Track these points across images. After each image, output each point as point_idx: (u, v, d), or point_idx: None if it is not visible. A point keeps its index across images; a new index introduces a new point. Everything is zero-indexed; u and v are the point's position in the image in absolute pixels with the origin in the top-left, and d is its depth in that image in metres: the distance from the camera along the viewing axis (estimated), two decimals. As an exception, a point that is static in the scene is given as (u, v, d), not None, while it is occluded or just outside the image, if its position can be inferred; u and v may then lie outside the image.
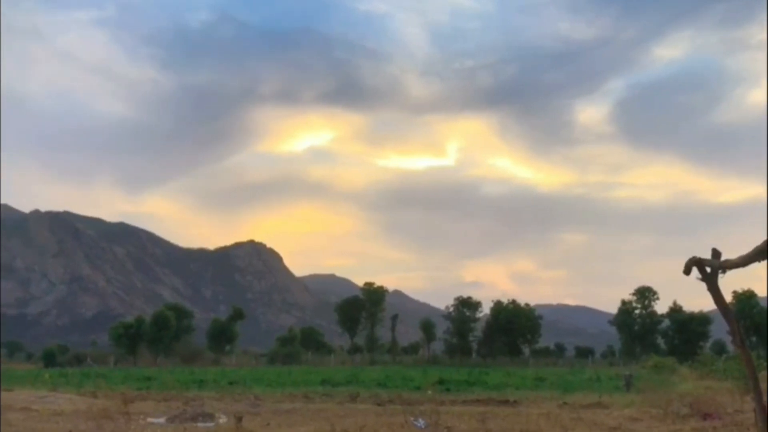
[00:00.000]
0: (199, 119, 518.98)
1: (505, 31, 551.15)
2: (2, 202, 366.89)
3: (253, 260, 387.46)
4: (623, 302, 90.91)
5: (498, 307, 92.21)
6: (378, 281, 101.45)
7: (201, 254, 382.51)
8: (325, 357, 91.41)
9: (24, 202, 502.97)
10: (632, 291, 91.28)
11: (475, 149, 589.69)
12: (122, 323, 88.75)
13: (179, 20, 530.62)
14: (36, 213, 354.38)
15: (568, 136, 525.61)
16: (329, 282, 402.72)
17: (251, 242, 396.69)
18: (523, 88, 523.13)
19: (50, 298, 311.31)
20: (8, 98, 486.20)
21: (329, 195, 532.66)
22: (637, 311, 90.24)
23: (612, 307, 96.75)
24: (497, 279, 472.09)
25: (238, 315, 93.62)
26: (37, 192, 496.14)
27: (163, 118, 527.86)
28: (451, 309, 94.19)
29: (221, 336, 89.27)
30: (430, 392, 27.07)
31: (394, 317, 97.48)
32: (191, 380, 36.85)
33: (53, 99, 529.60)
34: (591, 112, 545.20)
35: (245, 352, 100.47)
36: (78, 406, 19.66)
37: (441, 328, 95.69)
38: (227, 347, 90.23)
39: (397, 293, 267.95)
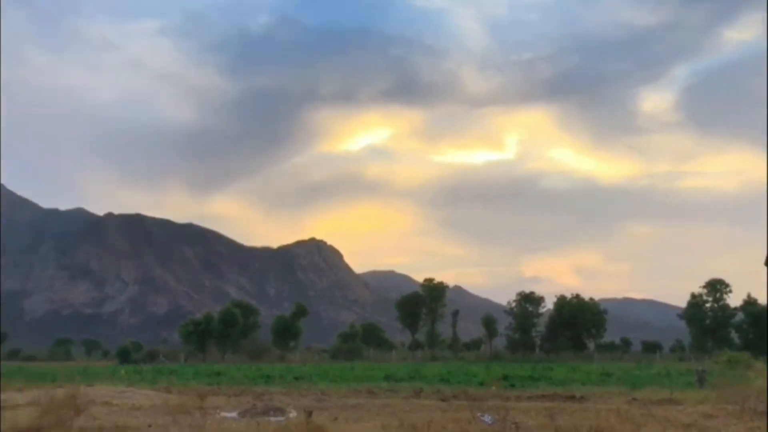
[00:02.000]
0: (262, 122, 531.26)
1: (564, 22, 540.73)
2: (78, 206, 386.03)
3: (314, 258, 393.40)
4: (693, 295, 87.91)
5: (561, 302, 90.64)
6: (437, 277, 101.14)
7: (265, 253, 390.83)
8: (386, 353, 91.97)
9: (98, 206, 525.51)
10: (703, 284, 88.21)
11: (535, 142, 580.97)
12: (192, 320, 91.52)
13: (240, 25, 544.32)
14: (110, 216, 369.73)
15: (632, 125, 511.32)
16: (389, 278, 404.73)
17: (312, 240, 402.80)
18: (585, 78, 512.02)
19: (124, 297, 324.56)
20: (82, 107, 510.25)
21: (388, 192, 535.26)
22: (708, 305, 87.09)
23: (680, 301, 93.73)
24: (559, 273, 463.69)
25: (301, 312, 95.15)
26: (110, 196, 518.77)
27: (228, 122, 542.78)
28: (513, 304, 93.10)
29: (285, 332, 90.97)
30: (494, 388, 26.93)
31: (455, 313, 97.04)
32: (258, 375, 37.82)
33: (124, 106, 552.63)
34: (656, 100, 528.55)
35: (308, 348, 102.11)
36: (154, 401, 20.52)
37: (502, 324, 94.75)
38: (291, 343, 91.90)
39: (457, 289, 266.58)
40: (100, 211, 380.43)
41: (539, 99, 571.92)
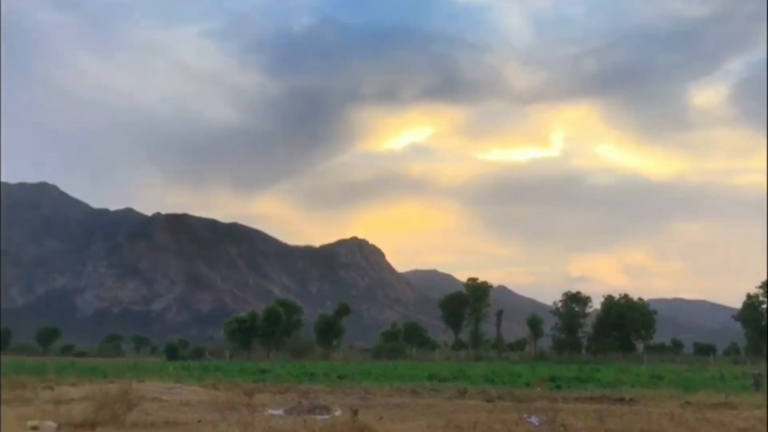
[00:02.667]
0: (304, 122, 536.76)
1: (611, 14, 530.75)
2: (128, 206, 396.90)
3: (356, 257, 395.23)
4: (749, 296, 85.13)
5: (609, 302, 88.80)
6: (481, 277, 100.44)
7: (307, 252, 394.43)
8: (429, 352, 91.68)
9: (147, 207, 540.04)
10: (759, 284, 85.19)
11: (580, 138, 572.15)
12: (236, 318, 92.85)
13: (283, 26, 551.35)
14: (158, 216, 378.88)
15: (682, 120, 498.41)
16: (431, 277, 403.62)
17: (354, 239, 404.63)
18: (633, 73, 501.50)
19: (171, 295, 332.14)
20: (130, 109, 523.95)
21: (430, 191, 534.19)
22: (764, 305, 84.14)
23: (735, 302, 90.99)
24: (606, 273, 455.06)
25: (344, 311, 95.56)
26: (158, 196, 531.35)
27: (271, 122, 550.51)
28: (559, 304, 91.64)
29: (328, 331, 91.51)
30: (539, 389, 26.49)
31: (499, 313, 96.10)
32: (302, 373, 38.09)
33: (171, 108, 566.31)
34: (709, 95, 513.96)
35: (351, 347, 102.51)
36: (201, 397, 20.85)
37: (548, 324, 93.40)
38: (334, 342, 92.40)
39: (502, 289, 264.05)
40: (149, 211, 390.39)
41: (585, 95, 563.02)
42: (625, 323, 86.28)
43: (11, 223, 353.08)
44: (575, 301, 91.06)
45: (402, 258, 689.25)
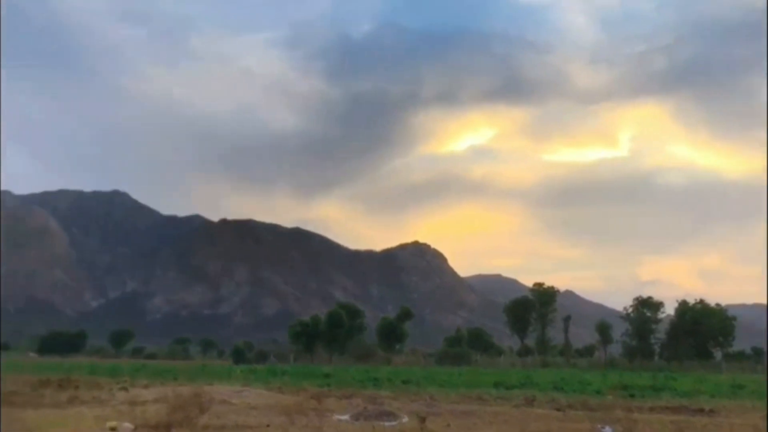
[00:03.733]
0: (365, 126, 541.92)
1: (681, 8, 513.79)
2: (195, 213, 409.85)
3: (417, 261, 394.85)
4: (835, 301, 79.96)
5: (684, 307, 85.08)
6: (547, 281, 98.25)
7: (368, 255, 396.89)
8: (493, 358, 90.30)
9: (213, 213, 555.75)
10: None
11: (650, 137, 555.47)
12: (299, 321, 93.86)
13: (344, 32, 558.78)
14: (223, 222, 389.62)
15: (760, 115, 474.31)
16: (495, 282, 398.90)
17: (415, 243, 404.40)
18: (705, 68, 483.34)
19: (237, 299, 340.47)
20: (198, 118, 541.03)
21: (493, 193, 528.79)
22: None
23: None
24: (679, 276, 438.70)
25: (406, 315, 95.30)
26: (224, 203, 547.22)
27: (332, 128, 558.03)
28: (630, 309, 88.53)
29: (391, 335, 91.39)
30: (610, 397, 25.60)
31: (567, 318, 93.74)
32: (366, 378, 38.04)
33: (236, 116, 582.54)
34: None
35: (413, 351, 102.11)
36: (268, 401, 21.07)
37: (618, 330, 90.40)
38: (397, 346, 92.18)
39: (569, 294, 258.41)
40: (215, 217, 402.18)
41: (654, 92, 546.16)
42: (701, 329, 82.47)
43: (85, 230, 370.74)
44: (647, 306, 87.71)
45: (465, 262, 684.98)
